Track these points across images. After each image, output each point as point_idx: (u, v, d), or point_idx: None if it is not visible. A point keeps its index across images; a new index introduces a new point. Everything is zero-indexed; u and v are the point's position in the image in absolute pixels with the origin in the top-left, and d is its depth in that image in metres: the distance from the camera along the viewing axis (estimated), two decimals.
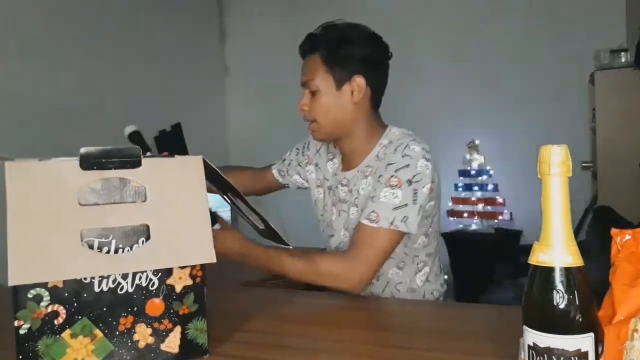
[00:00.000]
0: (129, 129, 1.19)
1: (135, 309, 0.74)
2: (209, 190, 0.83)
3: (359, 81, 1.23)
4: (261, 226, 1.03)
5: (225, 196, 1.03)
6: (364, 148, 1.29)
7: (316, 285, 1.16)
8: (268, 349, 0.85)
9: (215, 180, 0.92)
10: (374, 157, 1.27)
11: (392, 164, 1.19)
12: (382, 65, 1.29)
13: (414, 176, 1.17)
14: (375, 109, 1.31)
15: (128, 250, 0.74)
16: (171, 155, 0.83)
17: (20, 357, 0.68)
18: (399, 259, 1.29)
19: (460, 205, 3.58)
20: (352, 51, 1.23)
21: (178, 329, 0.77)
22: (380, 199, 1.17)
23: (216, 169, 0.85)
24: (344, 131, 1.28)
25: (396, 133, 1.28)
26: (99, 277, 0.72)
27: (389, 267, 1.28)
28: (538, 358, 0.54)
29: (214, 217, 1.03)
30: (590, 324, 0.53)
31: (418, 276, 1.31)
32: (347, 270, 1.13)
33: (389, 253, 1.18)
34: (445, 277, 1.43)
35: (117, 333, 0.73)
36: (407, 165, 1.17)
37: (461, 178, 3.57)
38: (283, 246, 1.08)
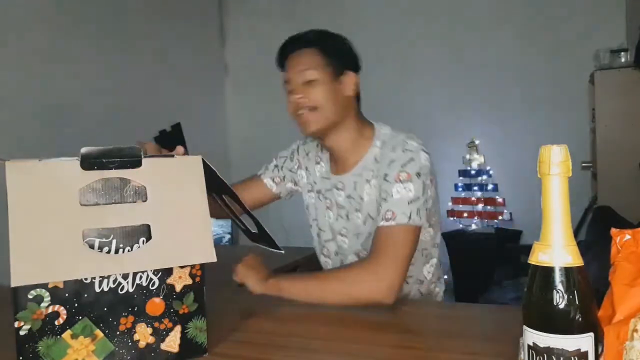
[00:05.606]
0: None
1: (136, 308, 0.74)
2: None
3: (352, 75, 1.27)
4: (254, 230, 1.02)
5: (218, 198, 1.02)
6: (356, 149, 1.28)
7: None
8: (268, 348, 0.85)
9: (210, 181, 0.91)
10: (372, 160, 1.26)
11: (395, 160, 1.19)
12: (360, 69, 1.32)
13: (420, 168, 1.17)
14: (359, 108, 1.33)
15: (128, 250, 0.74)
16: (171, 155, 0.83)
17: (21, 358, 0.68)
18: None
19: (460, 205, 3.58)
20: (344, 47, 1.29)
21: (178, 328, 0.77)
22: (394, 196, 1.14)
23: (214, 169, 0.85)
24: (335, 124, 1.25)
25: (387, 133, 1.28)
26: (100, 277, 0.72)
27: None
28: (538, 358, 0.54)
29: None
30: (590, 324, 0.53)
31: (426, 267, 1.32)
32: (374, 281, 1.04)
33: (413, 250, 1.12)
34: (445, 277, 1.43)
35: (118, 333, 0.73)
36: (412, 159, 1.17)
37: (461, 178, 3.57)
38: (309, 273, 1.08)
